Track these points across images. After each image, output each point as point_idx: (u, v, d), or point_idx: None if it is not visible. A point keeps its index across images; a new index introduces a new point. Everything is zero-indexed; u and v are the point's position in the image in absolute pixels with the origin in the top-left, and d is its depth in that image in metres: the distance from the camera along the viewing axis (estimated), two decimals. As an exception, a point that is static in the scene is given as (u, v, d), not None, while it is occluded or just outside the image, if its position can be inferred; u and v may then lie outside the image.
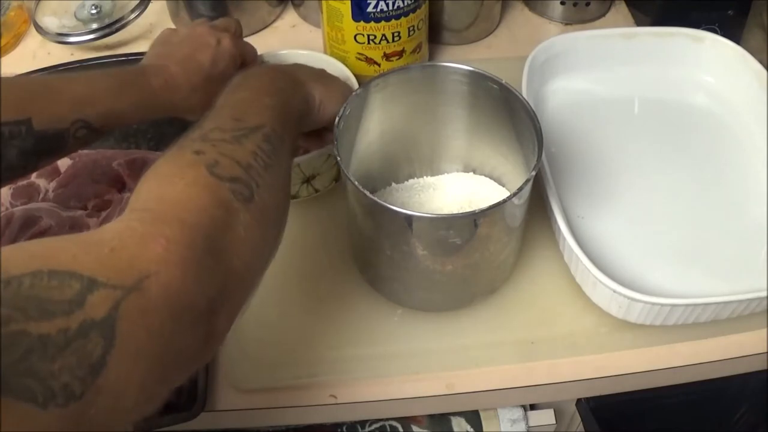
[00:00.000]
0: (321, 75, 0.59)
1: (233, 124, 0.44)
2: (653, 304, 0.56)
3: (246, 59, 0.66)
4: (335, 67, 0.72)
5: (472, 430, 0.67)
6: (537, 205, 0.63)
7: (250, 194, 0.40)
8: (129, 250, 0.33)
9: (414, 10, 0.73)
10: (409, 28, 0.74)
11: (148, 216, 0.35)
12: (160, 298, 0.32)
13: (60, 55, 0.87)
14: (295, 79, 0.54)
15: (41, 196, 0.70)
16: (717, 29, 0.79)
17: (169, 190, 0.38)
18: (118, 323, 0.30)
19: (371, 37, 0.73)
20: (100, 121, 0.55)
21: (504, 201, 0.51)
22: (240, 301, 0.39)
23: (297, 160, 0.63)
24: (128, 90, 0.57)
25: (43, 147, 0.52)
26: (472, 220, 0.52)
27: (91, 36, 0.84)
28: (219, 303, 0.36)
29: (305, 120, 0.54)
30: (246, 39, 0.88)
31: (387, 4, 0.70)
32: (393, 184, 0.67)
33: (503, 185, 0.65)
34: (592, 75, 0.78)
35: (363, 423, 0.68)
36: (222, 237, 0.37)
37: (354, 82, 0.69)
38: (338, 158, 0.53)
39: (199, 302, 0.34)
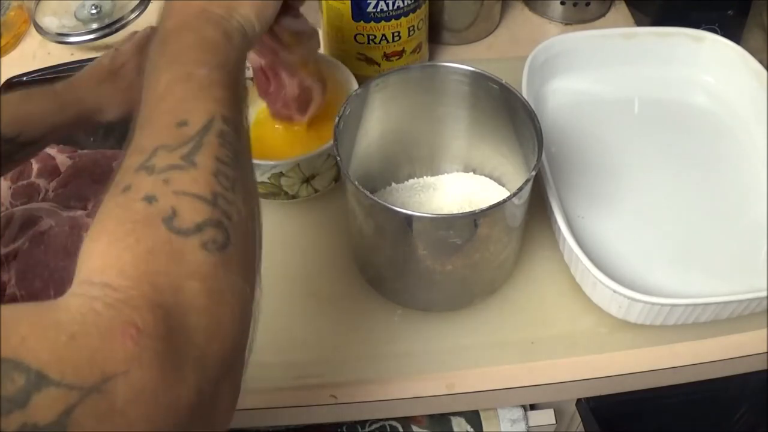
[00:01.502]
0: None
1: (177, 135, 0.35)
2: (653, 304, 0.56)
3: None
4: (335, 67, 0.72)
5: (472, 430, 0.67)
6: (537, 205, 0.63)
7: (225, 238, 0.33)
8: (91, 341, 0.27)
9: (414, 10, 0.73)
10: (409, 28, 0.74)
11: (112, 297, 0.29)
12: (130, 402, 0.27)
13: (60, 55, 0.87)
14: (217, 13, 0.42)
15: (41, 196, 0.70)
16: (717, 29, 0.79)
17: (128, 260, 0.31)
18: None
19: (371, 37, 0.73)
20: (9, 130, 0.55)
21: (504, 201, 0.51)
22: (241, 367, 0.34)
23: (297, 159, 0.63)
24: (32, 95, 0.58)
25: None
26: (472, 220, 0.52)
27: (91, 36, 0.84)
28: (215, 385, 0.31)
29: (243, 60, 0.44)
30: (246, 39, 0.88)
31: (387, 4, 0.70)
32: (393, 184, 0.67)
33: (503, 185, 0.65)
34: (592, 75, 0.78)
35: (363, 423, 0.68)
36: (205, 316, 0.31)
37: (354, 82, 0.69)
38: (338, 158, 0.53)
39: (186, 402, 0.29)
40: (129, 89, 0.60)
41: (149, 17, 0.89)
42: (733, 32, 0.80)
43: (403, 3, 0.71)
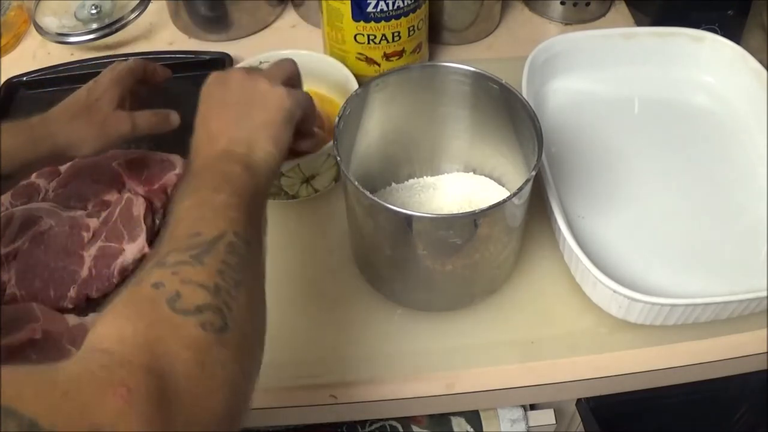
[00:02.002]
0: (254, 109, 0.50)
1: (189, 242, 0.39)
2: (653, 304, 0.56)
3: (153, 77, 0.66)
4: (335, 67, 0.72)
5: (472, 430, 0.68)
6: (537, 205, 0.63)
7: (222, 322, 0.36)
8: (84, 397, 0.29)
9: (414, 10, 0.73)
10: (409, 28, 0.74)
11: (108, 360, 0.32)
12: None
13: (60, 55, 0.87)
14: (238, 152, 0.47)
15: (41, 196, 0.70)
16: (717, 29, 0.79)
17: (129, 332, 0.33)
18: None
19: (371, 37, 0.73)
20: None
21: (504, 201, 0.51)
22: None
23: (297, 160, 0.63)
24: (7, 130, 0.57)
25: None
26: (472, 220, 0.52)
27: (91, 36, 0.84)
28: None
29: (268, 185, 0.49)
30: (246, 39, 0.89)
31: (387, 4, 0.70)
32: (393, 184, 0.67)
33: (503, 185, 0.65)
34: (592, 75, 0.78)
35: (363, 423, 0.68)
36: (196, 385, 0.33)
37: (354, 82, 0.69)
38: (338, 158, 0.53)
39: None
40: (103, 124, 0.60)
41: (149, 17, 0.89)
42: (733, 32, 0.80)
43: (403, 3, 0.71)
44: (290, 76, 0.54)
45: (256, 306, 0.41)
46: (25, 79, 0.83)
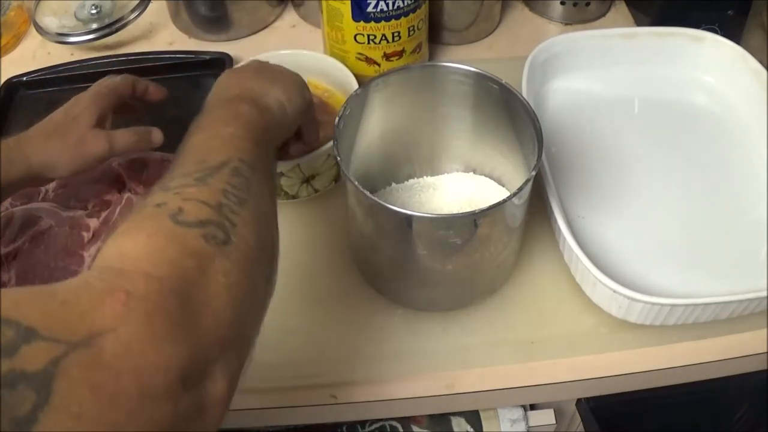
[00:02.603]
0: (271, 74, 0.54)
1: (195, 167, 0.40)
2: (653, 304, 0.56)
3: (144, 96, 0.64)
4: (335, 67, 0.72)
5: (472, 430, 0.68)
6: (537, 205, 0.63)
7: (225, 236, 0.36)
8: (82, 304, 0.30)
9: (414, 10, 0.73)
10: (409, 28, 0.74)
11: (109, 272, 0.32)
12: (118, 356, 0.28)
13: (60, 55, 0.87)
14: (251, 96, 0.50)
15: (41, 196, 0.70)
16: (717, 29, 0.79)
17: (130, 245, 0.34)
18: (56, 380, 0.26)
19: (371, 37, 0.73)
20: None
21: (504, 201, 0.51)
22: (238, 357, 0.35)
23: (297, 160, 0.63)
24: None
25: None
26: (472, 220, 0.52)
27: (91, 36, 0.84)
28: (207, 365, 0.32)
29: (279, 129, 0.52)
30: (246, 39, 0.89)
31: (387, 4, 0.70)
32: (393, 184, 0.67)
33: (503, 185, 0.65)
34: (592, 75, 0.78)
35: (363, 423, 0.68)
36: (198, 289, 0.33)
37: (354, 82, 0.69)
38: (338, 158, 0.53)
39: (176, 365, 0.30)
40: (80, 144, 0.58)
41: (149, 17, 0.89)
42: (733, 32, 0.80)
43: (403, 3, 0.71)
44: None
45: (264, 224, 0.41)
46: (25, 79, 0.83)
